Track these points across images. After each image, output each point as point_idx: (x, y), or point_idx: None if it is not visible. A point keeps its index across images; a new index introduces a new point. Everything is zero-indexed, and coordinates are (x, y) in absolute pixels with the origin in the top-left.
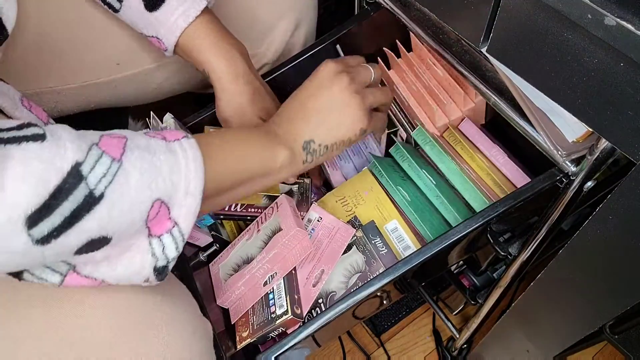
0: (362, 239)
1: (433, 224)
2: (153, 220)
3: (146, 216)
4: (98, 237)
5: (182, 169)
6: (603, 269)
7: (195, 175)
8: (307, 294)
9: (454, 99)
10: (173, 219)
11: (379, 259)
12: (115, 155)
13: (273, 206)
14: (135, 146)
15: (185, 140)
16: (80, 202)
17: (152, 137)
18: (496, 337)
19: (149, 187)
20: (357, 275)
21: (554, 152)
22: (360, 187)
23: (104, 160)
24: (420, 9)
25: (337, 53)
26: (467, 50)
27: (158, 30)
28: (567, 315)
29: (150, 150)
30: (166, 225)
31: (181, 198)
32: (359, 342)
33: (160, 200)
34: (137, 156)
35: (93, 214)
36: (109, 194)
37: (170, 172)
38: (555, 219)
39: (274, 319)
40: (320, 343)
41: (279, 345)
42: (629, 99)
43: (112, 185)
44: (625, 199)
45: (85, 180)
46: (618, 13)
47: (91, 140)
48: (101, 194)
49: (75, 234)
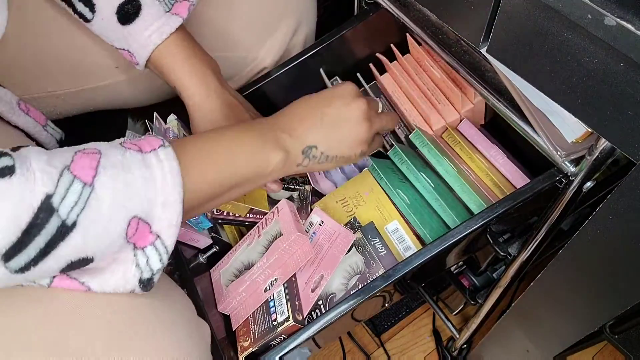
0: (362, 240)
1: (432, 227)
2: (134, 237)
3: (124, 234)
4: (78, 259)
5: (157, 183)
6: (603, 269)
7: (173, 189)
8: (306, 298)
9: (452, 100)
10: (155, 233)
11: (379, 260)
12: (86, 179)
13: (274, 211)
14: (109, 165)
15: (162, 151)
16: (54, 234)
17: (127, 150)
18: (496, 337)
19: (123, 206)
20: (357, 277)
21: (554, 152)
22: (360, 188)
23: (75, 187)
24: (420, 9)
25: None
26: (467, 51)
27: (130, 44)
28: (567, 315)
29: (124, 166)
30: (149, 239)
31: (159, 212)
32: (359, 342)
33: (138, 217)
34: (110, 176)
35: (68, 242)
36: (81, 221)
37: (145, 189)
38: (555, 219)
39: (275, 327)
40: (320, 344)
41: (280, 347)
42: (629, 99)
43: (85, 212)
44: (625, 199)
45: (57, 212)
46: (618, 13)
47: (62, 163)
48: (73, 222)
49: (53, 260)
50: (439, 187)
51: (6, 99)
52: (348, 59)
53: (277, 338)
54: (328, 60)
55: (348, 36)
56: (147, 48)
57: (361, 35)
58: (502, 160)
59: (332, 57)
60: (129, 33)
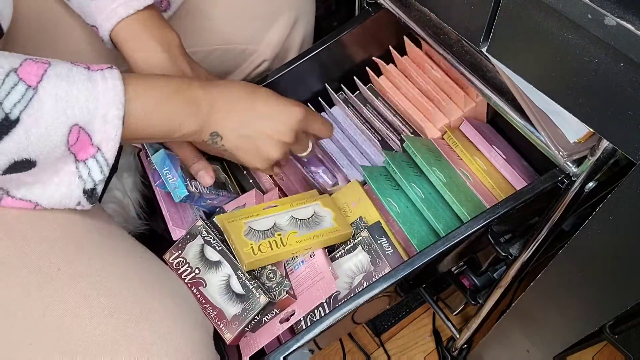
0: (368, 239)
1: (422, 236)
2: (76, 146)
3: (66, 140)
4: (21, 160)
5: (99, 96)
6: (603, 269)
7: (114, 104)
8: (272, 327)
9: (454, 99)
10: (95, 144)
11: (385, 259)
12: (31, 82)
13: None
14: (54, 74)
15: (108, 70)
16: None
17: (75, 66)
18: (496, 337)
19: (64, 113)
20: (362, 275)
21: (556, 152)
22: (349, 198)
23: (19, 88)
24: (421, 9)
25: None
26: (468, 51)
27: (95, 18)
28: (567, 315)
29: (69, 79)
30: (90, 151)
31: (99, 125)
32: (359, 342)
33: (78, 126)
34: (54, 84)
35: (11, 136)
36: (24, 118)
37: (86, 100)
38: (557, 220)
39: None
40: (321, 346)
41: (284, 348)
42: (629, 99)
43: (27, 110)
44: (625, 199)
45: (1, 105)
46: (618, 13)
47: (10, 65)
48: (16, 117)
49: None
50: (429, 197)
51: None
52: (349, 59)
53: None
54: (329, 61)
55: (349, 36)
56: (110, 20)
57: (362, 35)
58: (501, 162)
59: (333, 58)
60: (96, 6)
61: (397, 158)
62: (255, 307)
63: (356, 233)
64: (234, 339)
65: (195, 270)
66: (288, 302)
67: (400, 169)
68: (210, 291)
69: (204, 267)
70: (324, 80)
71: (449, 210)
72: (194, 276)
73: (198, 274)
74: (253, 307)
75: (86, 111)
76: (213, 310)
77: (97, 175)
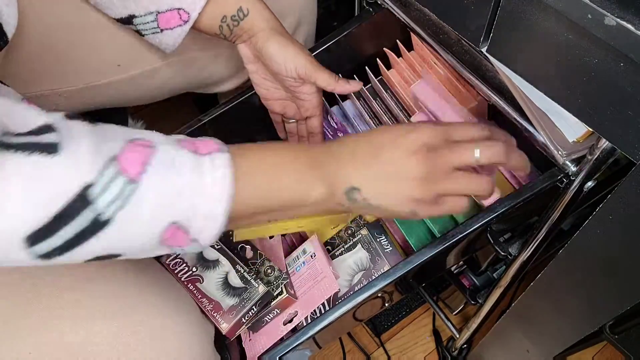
0: (367, 237)
1: (419, 236)
2: (169, 240)
3: (159, 238)
4: (106, 255)
5: (206, 191)
6: (603, 269)
7: (220, 201)
8: (275, 329)
9: (456, 97)
10: (192, 237)
11: (384, 256)
12: (133, 174)
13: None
14: (159, 162)
15: (218, 156)
16: (85, 226)
17: (181, 148)
18: (496, 337)
19: (164, 211)
20: (362, 273)
21: (555, 152)
22: None
23: (119, 182)
24: (421, 9)
25: (341, 52)
26: (467, 50)
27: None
28: (567, 315)
29: (174, 167)
30: (184, 242)
31: (200, 220)
32: (359, 342)
33: (177, 224)
34: (158, 176)
35: (99, 237)
36: (118, 219)
37: (190, 196)
38: (556, 219)
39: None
40: (320, 345)
41: (283, 346)
42: (629, 99)
43: (123, 210)
44: (625, 199)
45: (94, 205)
46: (618, 13)
47: (112, 152)
48: (109, 218)
49: (79, 253)
50: None
51: (10, 97)
52: (350, 59)
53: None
54: (329, 62)
55: (350, 37)
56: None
57: (363, 35)
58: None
59: (333, 58)
60: None
61: None
62: (254, 297)
63: (356, 231)
64: (231, 330)
65: (193, 269)
66: (289, 302)
67: None
68: (207, 287)
69: (201, 267)
70: None
71: None
72: (191, 274)
73: (195, 272)
74: (251, 297)
75: (189, 208)
76: (209, 303)
77: (191, 252)
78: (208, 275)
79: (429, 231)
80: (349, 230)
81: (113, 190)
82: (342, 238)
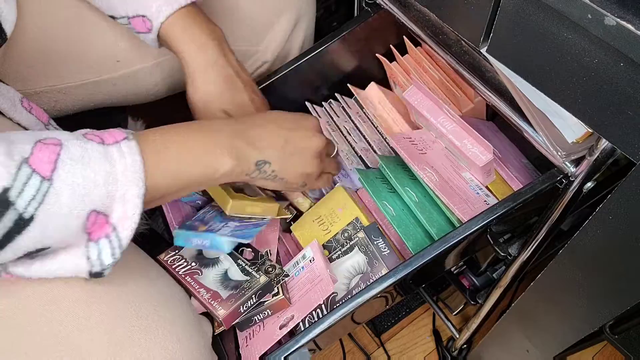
0: (364, 240)
1: (417, 239)
2: (92, 227)
3: (83, 226)
4: (35, 249)
5: (118, 177)
6: (603, 269)
7: (133, 184)
8: (271, 333)
9: (452, 100)
10: (112, 224)
11: (382, 259)
12: (45, 173)
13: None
14: (68, 158)
15: (125, 144)
16: (10, 227)
17: (88, 141)
18: (496, 337)
19: (82, 200)
20: (359, 276)
21: (554, 152)
22: (334, 204)
23: (34, 182)
24: (420, 9)
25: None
26: (467, 51)
27: (150, 5)
28: (567, 315)
29: (84, 160)
30: (105, 230)
31: (118, 206)
32: (359, 342)
33: (96, 211)
34: (69, 171)
35: (26, 234)
36: (39, 215)
37: (105, 183)
38: (555, 220)
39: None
40: (321, 346)
41: (284, 349)
42: (629, 99)
43: (43, 206)
44: (625, 199)
45: (14, 206)
46: (618, 13)
47: (21, 155)
48: (31, 216)
49: (10, 252)
50: (423, 200)
51: (9, 96)
52: (350, 60)
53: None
54: (330, 62)
55: (350, 37)
56: (172, 6)
57: (363, 36)
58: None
59: (334, 59)
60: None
61: (391, 162)
62: (254, 286)
63: (353, 234)
64: (228, 317)
65: (192, 264)
66: (282, 305)
67: (395, 173)
68: (206, 280)
69: (201, 265)
70: (326, 79)
71: (442, 214)
72: (190, 268)
73: (195, 266)
74: (252, 286)
75: (105, 195)
76: (207, 292)
77: (107, 258)
78: (207, 270)
79: (427, 234)
80: (345, 234)
81: (30, 190)
82: (339, 241)
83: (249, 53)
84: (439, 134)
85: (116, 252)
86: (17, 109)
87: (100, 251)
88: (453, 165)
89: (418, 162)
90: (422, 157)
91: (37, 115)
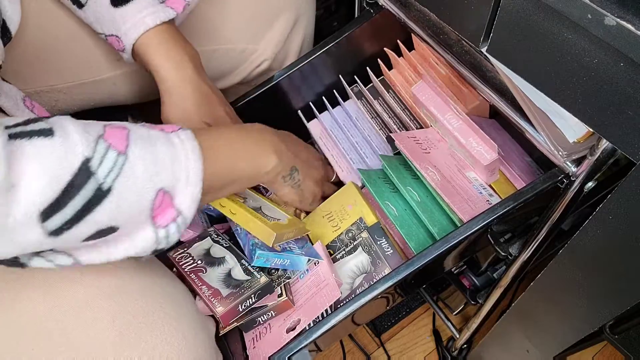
0: (368, 240)
1: (419, 239)
2: (158, 209)
3: (151, 205)
4: (106, 228)
5: (182, 159)
6: (603, 269)
7: (195, 165)
8: (279, 336)
9: (458, 96)
10: (176, 207)
11: (385, 260)
12: (120, 148)
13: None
14: (138, 137)
15: (182, 132)
16: (91, 196)
17: (151, 129)
18: (496, 337)
19: (153, 177)
20: (363, 276)
21: (555, 152)
22: (345, 201)
23: (111, 155)
24: (421, 9)
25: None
26: (468, 51)
27: (119, 27)
28: (567, 315)
29: (151, 141)
30: (171, 214)
31: (182, 187)
32: (359, 342)
33: (164, 190)
34: (141, 148)
35: (103, 207)
36: (116, 187)
37: (171, 163)
38: (556, 220)
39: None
40: (321, 347)
41: (288, 349)
42: (629, 99)
43: (120, 178)
44: (625, 199)
45: (95, 175)
46: (618, 13)
47: (96, 132)
48: (109, 187)
49: (86, 225)
50: (426, 200)
51: (11, 95)
52: (351, 60)
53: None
54: (331, 63)
55: (351, 38)
56: (138, 29)
57: (364, 36)
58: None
59: (335, 59)
60: (121, 15)
61: (393, 161)
62: (254, 286)
63: (356, 234)
64: (226, 314)
65: (198, 262)
66: (286, 306)
67: (397, 172)
68: (210, 278)
69: (207, 263)
70: (334, 75)
71: (444, 214)
72: (195, 266)
73: (200, 264)
74: (252, 286)
75: (171, 174)
76: (209, 289)
77: (174, 238)
78: (211, 269)
79: (429, 234)
80: (349, 234)
81: (108, 162)
82: (343, 241)
83: (248, 51)
84: (444, 131)
85: (182, 229)
86: (19, 107)
87: (169, 234)
88: (458, 165)
89: (421, 161)
90: (426, 156)
91: (39, 114)
